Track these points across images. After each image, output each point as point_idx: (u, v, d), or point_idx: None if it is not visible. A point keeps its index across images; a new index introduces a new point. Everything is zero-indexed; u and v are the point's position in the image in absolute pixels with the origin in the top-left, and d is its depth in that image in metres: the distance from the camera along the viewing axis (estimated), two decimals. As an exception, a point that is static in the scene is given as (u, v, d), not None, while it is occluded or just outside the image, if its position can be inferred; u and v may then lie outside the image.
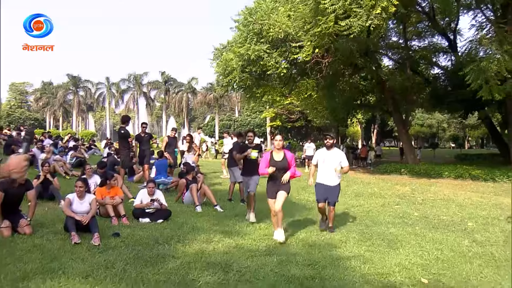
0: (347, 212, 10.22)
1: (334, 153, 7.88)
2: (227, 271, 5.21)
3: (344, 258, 6.04)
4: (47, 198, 9.49)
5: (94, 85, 72.05)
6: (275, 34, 19.23)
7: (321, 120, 39.60)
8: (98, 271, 5.05)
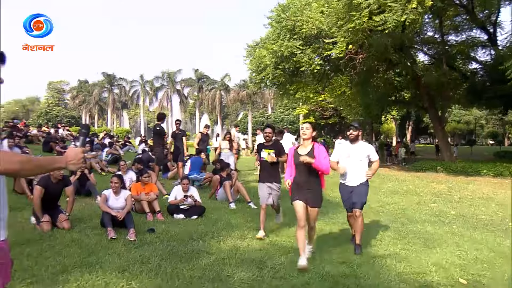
0: (381, 210, 10.08)
1: (360, 147, 6.48)
2: (261, 267, 5.22)
3: (379, 257, 5.98)
4: (84, 194, 9.71)
5: (128, 83, 73.20)
6: (308, 31, 19.12)
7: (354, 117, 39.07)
8: (134, 266, 5.14)
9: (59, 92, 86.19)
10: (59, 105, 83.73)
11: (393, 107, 33.05)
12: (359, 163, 6.43)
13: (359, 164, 6.42)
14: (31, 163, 2.07)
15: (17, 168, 2.01)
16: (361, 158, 6.44)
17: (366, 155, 6.48)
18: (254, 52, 22.97)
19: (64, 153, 2.21)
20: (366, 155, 6.48)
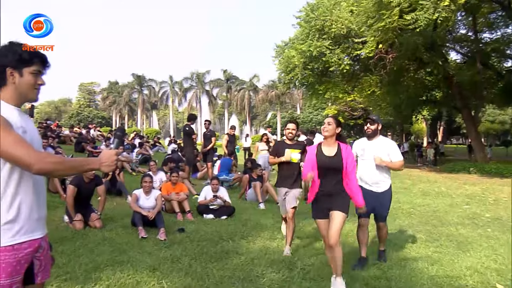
0: (412, 211, 9.91)
1: (379, 144, 5.54)
2: (291, 268, 5.19)
3: (410, 259, 5.86)
4: (115, 193, 9.86)
5: (158, 84, 74.09)
6: (337, 30, 18.98)
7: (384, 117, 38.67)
8: (165, 265, 5.18)
9: (90, 93, 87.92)
10: (90, 106, 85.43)
11: (424, 107, 32.50)
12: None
13: (375, 164, 5.49)
14: (64, 164, 2.16)
15: (51, 169, 2.10)
16: (380, 157, 5.46)
17: (387, 154, 5.49)
18: (283, 52, 22.92)
19: (99, 155, 2.28)
20: (387, 154, 5.49)
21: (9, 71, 2.17)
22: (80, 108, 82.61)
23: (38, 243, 2.27)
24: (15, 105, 2.23)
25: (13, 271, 2.11)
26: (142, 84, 73.99)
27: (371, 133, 5.59)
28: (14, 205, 2.13)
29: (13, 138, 2.05)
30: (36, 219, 2.25)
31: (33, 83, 2.23)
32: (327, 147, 4.69)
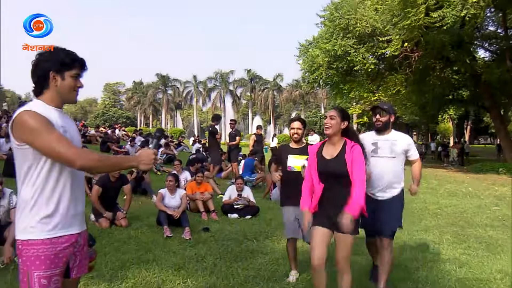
0: (439, 212, 9.73)
1: (392, 139, 4.44)
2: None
3: (437, 261, 5.75)
4: (140, 192, 9.96)
5: (182, 84, 74.57)
6: (362, 29, 18.84)
7: (410, 116, 38.26)
8: (190, 264, 5.21)
9: (115, 94, 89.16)
10: (115, 106, 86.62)
11: (450, 106, 32.01)
12: (390, 163, 4.39)
13: (389, 164, 4.38)
14: (105, 161, 2.28)
15: (93, 166, 2.22)
16: (394, 154, 4.40)
17: (402, 151, 4.43)
18: (307, 52, 22.87)
19: (137, 153, 2.40)
20: (402, 151, 4.43)
21: (51, 75, 2.27)
22: (105, 108, 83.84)
23: (75, 238, 2.37)
24: (56, 106, 2.34)
25: (51, 264, 2.22)
26: (167, 84, 74.58)
27: (381, 125, 4.42)
28: (53, 200, 2.24)
29: (56, 136, 2.17)
30: (73, 215, 2.35)
31: (73, 86, 2.35)
32: (330, 147, 3.81)
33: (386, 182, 4.37)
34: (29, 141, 2.16)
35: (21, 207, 2.25)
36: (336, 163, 3.68)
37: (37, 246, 2.20)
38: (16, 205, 5.21)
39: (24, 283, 2.21)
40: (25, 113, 2.17)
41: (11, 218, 5.19)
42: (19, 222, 2.25)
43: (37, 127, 2.14)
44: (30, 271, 2.19)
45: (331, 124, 3.74)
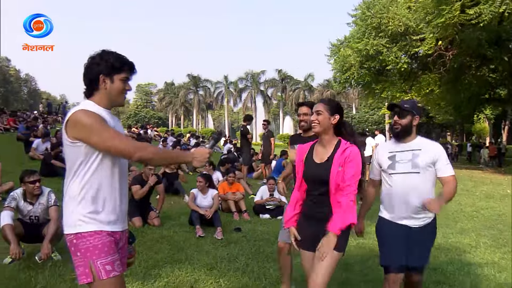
0: (475, 215, 9.50)
1: (415, 148, 3.42)
2: (350, 270, 5.11)
3: (474, 265, 5.61)
4: (172, 192, 10.05)
5: (213, 85, 74.98)
6: (394, 28, 18.61)
7: (443, 116, 37.49)
8: (222, 264, 5.23)
9: (147, 95, 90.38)
10: (147, 107, 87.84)
11: (487, 106, 31.21)
12: (413, 180, 3.35)
13: (412, 182, 3.35)
14: (161, 154, 2.45)
15: (150, 157, 2.37)
16: (417, 169, 3.35)
17: (427, 164, 3.36)
18: (338, 52, 22.71)
19: (193, 150, 2.51)
20: (427, 164, 3.36)
21: (101, 78, 2.37)
22: (137, 108, 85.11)
23: (118, 235, 2.43)
24: (105, 107, 2.42)
25: (110, 250, 2.30)
26: (198, 85, 75.10)
27: (400, 130, 3.40)
28: (100, 196, 2.33)
29: (113, 131, 2.29)
30: (119, 212, 2.42)
31: (122, 89, 2.43)
32: (320, 148, 3.15)
33: (412, 206, 3.33)
34: (84, 138, 2.25)
35: (70, 201, 2.32)
36: (322, 168, 3.02)
37: (91, 237, 2.27)
38: (54, 203, 5.36)
39: (87, 275, 2.25)
40: (81, 111, 2.27)
41: (50, 215, 5.33)
42: (67, 217, 2.32)
43: (93, 124, 2.23)
44: (92, 261, 2.24)
45: (318, 121, 3.06)
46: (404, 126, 3.38)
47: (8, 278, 4.53)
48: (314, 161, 3.11)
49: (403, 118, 3.38)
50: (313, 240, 3.01)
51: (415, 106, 3.46)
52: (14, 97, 73.78)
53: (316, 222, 3.04)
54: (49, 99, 54.21)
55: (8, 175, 8.92)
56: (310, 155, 3.17)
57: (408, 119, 3.38)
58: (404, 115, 3.38)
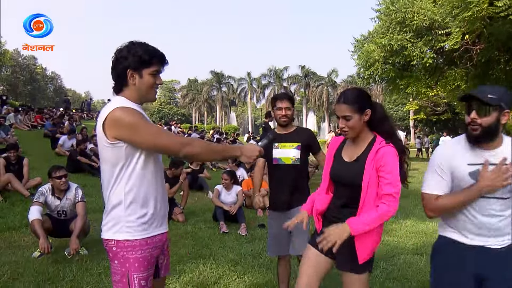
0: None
1: (505, 153, 2.29)
2: (374, 267, 5.05)
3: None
4: (196, 188, 10.12)
5: (236, 81, 75.02)
6: (419, 22, 18.35)
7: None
8: (246, 260, 5.24)
9: (171, 91, 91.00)
10: (171, 104, 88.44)
11: (516, 101, 30.42)
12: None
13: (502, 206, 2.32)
14: (208, 148, 2.30)
15: (198, 152, 2.22)
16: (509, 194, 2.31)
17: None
18: (362, 47, 22.51)
19: (244, 145, 2.40)
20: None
21: (129, 73, 2.23)
22: (161, 105, 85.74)
23: (165, 237, 2.41)
24: (135, 102, 2.30)
25: (148, 264, 2.26)
26: (221, 81, 75.27)
27: (480, 133, 2.30)
28: (148, 199, 2.25)
29: (156, 127, 2.22)
30: (163, 213, 2.38)
31: (151, 84, 2.29)
32: (351, 146, 2.73)
33: (494, 222, 2.33)
34: (127, 137, 2.12)
35: (114, 206, 2.22)
36: (351, 169, 2.61)
37: (135, 248, 2.20)
38: (81, 199, 5.45)
39: (124, 284, 2.21)
40: (119, 109, 2.13)
41: (77, 211, 5.41)
42: (109, 221, 2.23)
43: (135, 121, 2.12)
44: (130, 273, 2.19)
45: (348, 128, 2.58)
46: (485, 127, 2.28)
47: (36, 271, 4.63)
48: (343, 159, 2.71)
49: (485, 116, 2.28)
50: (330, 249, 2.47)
51: (504, 95, 2.29)
52: (41, 95, 75.20)
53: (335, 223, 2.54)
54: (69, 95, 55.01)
55: (35, 171, 9.10)
56: (339, 152, 2.77)
57: (493, 116, 2.27)
58: (487, 112, 2.27)
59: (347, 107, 2.54)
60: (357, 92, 2.64)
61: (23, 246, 5.73)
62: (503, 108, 2.28)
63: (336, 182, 2.75)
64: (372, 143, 2.59)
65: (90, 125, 19.70)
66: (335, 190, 2.77)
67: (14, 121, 17.92)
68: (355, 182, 2.55)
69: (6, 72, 62.84)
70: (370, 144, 2.60)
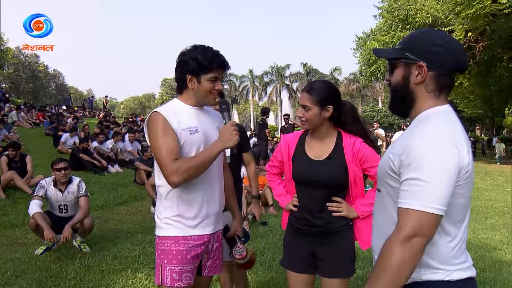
0: (507, 210, 9.26)
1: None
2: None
3: (506, 262, 5.46)
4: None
5: (238, 79, 74.97)
6: (422, 20, 18.33)
7: (473, 110, 36.76)
8: (248, 258, 5.23)
9: (173, 89, 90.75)
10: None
11: (519, 99, 30.42)
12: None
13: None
14: (194, 163, 2.15)
15: (186, 177, 2.14)
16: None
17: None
18: (364, 45, 22.50)
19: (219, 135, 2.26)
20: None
21: (188, 77, 2.27)
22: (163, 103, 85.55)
23: (207, 238, 2.36)
24: (193, 105, 2.34)
25: (183, 259, 2.26)
26: (223, 79, 75.10)
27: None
28: (186, 199, 2.27)
29: (162, 142, 2.16)
30: (206, 215, 2.34)
31: (209, 89, 2.28)
32: (316, 142, 2.55)
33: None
34: (149, 139, 2.24)
35: (158, 203, 2.34)
36: (325, 168, 2.45)
37: (170, 241, 2.26)
38: (85, 193, 5.45)
39: (157, 277, 2.28)
40: (153, 113, 2.25)
41: (79, 205, 5.40)
42: (156, 218, 2.35)
43: (153, 128, 2.20)
44: (163, 264, 2.25)
45: (305, 118, 2.47)
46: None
47: (39, 268, 4.63)
48: (309, 158, 2.51)
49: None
50: (303, 259, 2.56)
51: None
52: (43, 92, 75.23)
53: (317, 237, 2.52)
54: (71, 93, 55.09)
55: (37, 168, 9.11)
56: (300, 151, 2.57)
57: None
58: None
59: (309, 98, 2.44)
60: (323, 85, 2.53)
61: (26, 243, 5.74)
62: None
63: (305, 184, 2.52)
64: (340, 139, 2.50)
65: (92, 123, 19.72)
66: (306, 192, 2.54)
67: (16, 118, 17.97)
68: (333, 181, 2.45)
69: (8, 70, 62.86)
70: (338, 140, 2.50)
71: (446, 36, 1.57)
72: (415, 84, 1.55)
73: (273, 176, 2.83)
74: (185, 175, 2.12)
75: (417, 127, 1.49)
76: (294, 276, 2.59)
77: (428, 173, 1.35)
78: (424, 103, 1.55)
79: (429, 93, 1.55)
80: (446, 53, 1.51)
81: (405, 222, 1.35)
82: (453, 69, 1.55)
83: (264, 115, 12.75)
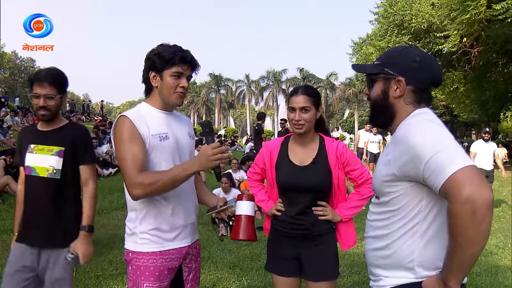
0: (502, 215, 9.32)
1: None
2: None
3: (501, 267, 5.49)
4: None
5: (234, 83, 75.03)
6: (417, 25, 18.43)
7: (468, 115, 36.83)
8: (244, 263, 5.24)
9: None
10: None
11: (515, 104, 30.54)
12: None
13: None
14: (161, 180, 1.99)
15: (147, 192, 2.00)
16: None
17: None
18: (360, 50, 22.59)
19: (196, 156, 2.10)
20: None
21: (152, 74, 2.13)
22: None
23: (185, 250, 2.27)
24: (161, 109, 2.20)
25: (160, 275, 2.14)
26: (219, 84, 75.24)
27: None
28: (163, 211, 2.15)
29: (127, 151, 2.01)
30: (183, 226, 2.25)
31: (173, 86, 2.12)
32: (299, 147, 2.57)
33: None
34: (114, 147, 2.10)
35: (131, 215, 2.19)
36: (310, 173, 2.49)
37: (147, 257, 2.13)
38: None
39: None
40: (119, 118, 2.09)
41: None
42: (128, 231, 2.20)
43: (120, 135, 2.04)
44: (140, 281, 2.12)
45: (304, 121, 2.45)
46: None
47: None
48: (293, 164, 2.54)
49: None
50: (294, 263, 2.59)
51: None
52: (39, 97, 75.20)
53: (301, 241, 2.56)
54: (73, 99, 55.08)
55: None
56: (284, 157, 2.58)
57: None
58: None
59: (308, 99, 2.46)
60: (312, 87, 2.67)
61: (21, 248, 5.72)
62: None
63: (290, 190, 2.55)
64: (323, 143, 2.54)
65: (89, 128, 19.67)
66: (290, 198, 2.57)
67: (11, 123, 17.92)
68: (318, 186, 2.50)
69: (4, 75, 62.76)
70: (321, 144, 2.55)
71: (423, 53, 1.70)
72: (394, 98, 1.67)
73: (255, 183, 2.85)
74: (149, 190, 1.98)
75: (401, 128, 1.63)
76: (280, 280, 2.60)
77: (435, 148, 1.42)
78: (404, 115, 1.66)
79: (408, 105, 1.66)
80: (423, 69, 1.64)
81: (455, 188, 1.34)
82: (430, 84, 1.68)
83: (260, 120, 12.77)
